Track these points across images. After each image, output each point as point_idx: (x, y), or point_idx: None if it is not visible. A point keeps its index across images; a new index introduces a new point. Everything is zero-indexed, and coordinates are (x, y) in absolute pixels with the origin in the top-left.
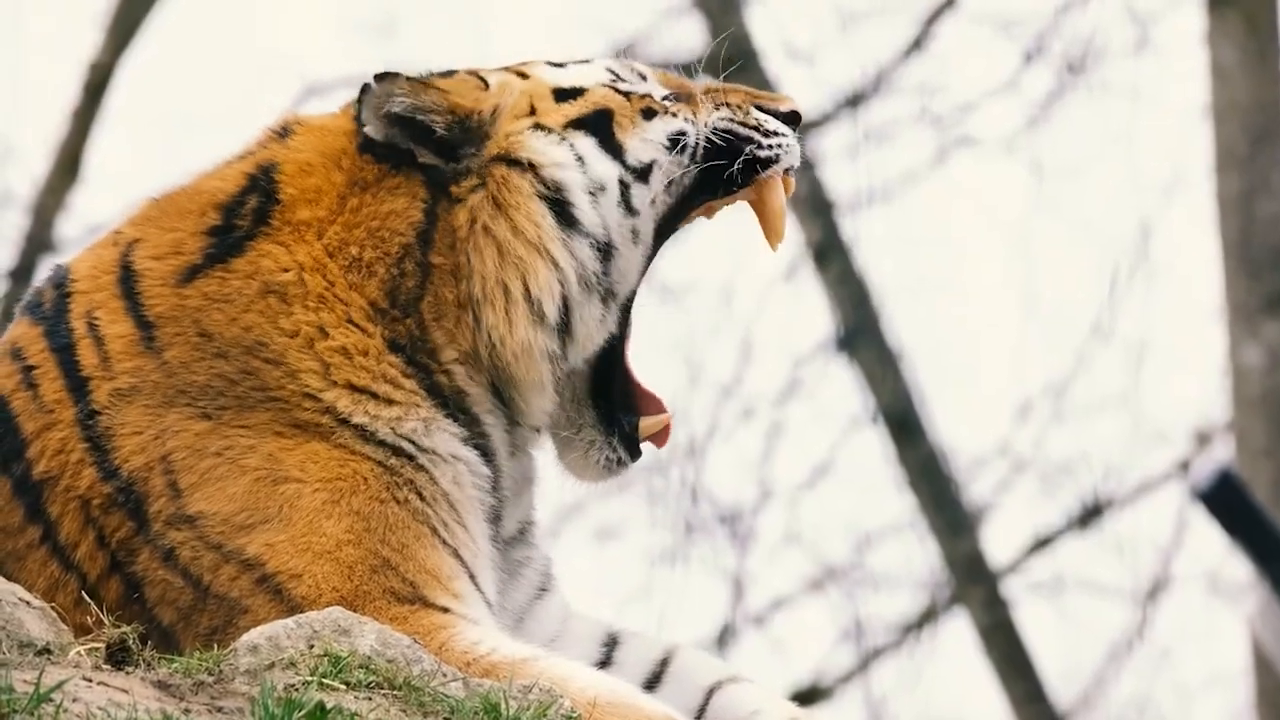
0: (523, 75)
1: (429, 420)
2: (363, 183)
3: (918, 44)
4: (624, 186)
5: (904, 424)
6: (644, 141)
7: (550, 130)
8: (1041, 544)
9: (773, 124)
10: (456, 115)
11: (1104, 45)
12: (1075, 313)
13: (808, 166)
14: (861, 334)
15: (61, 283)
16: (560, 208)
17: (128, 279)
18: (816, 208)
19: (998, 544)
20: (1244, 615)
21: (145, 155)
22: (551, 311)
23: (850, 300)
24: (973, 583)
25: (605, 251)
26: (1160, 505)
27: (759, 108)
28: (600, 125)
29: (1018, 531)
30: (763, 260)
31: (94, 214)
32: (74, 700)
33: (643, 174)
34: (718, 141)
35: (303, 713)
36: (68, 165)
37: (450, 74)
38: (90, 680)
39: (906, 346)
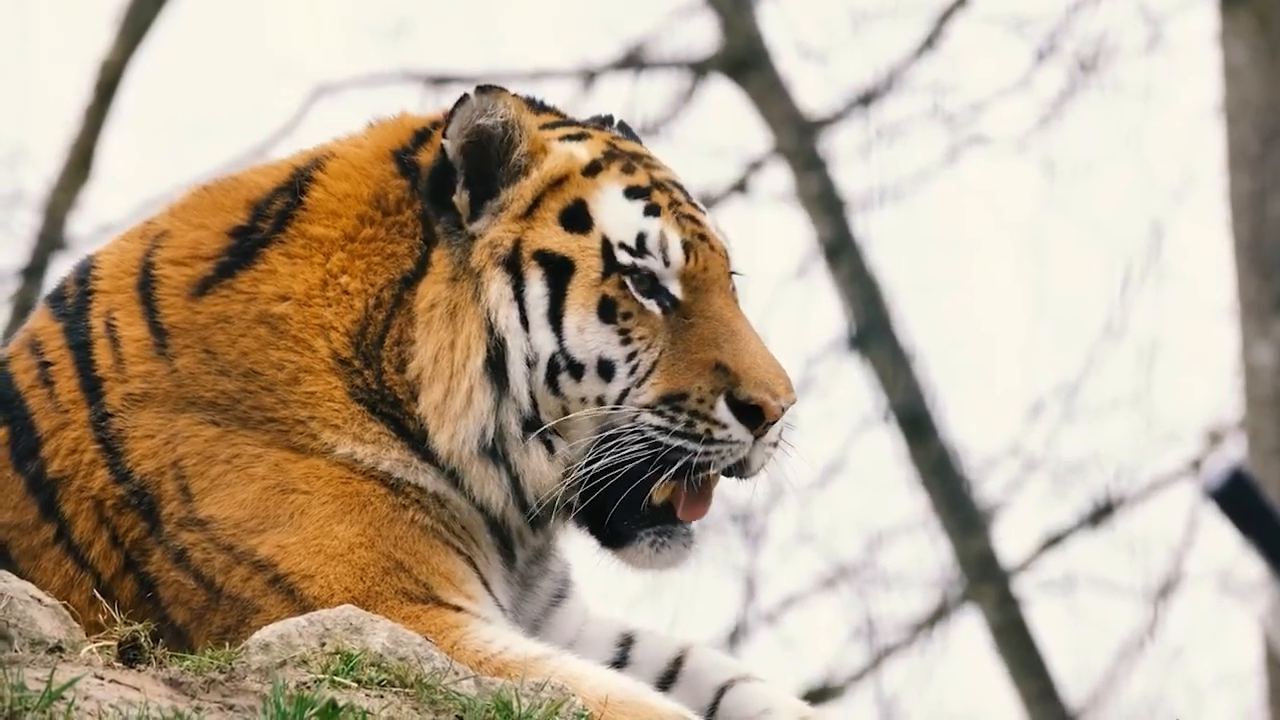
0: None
1: (405, 462)
2: (385, 204)
3: (929, 43)
4: (554, 368)
5: (915, 423)
6: (581, 334)
7: (516, 265)
8: (1053, 543)
9: (726, 422)
10: (530, 150)
11: (1116, 44)
12: (1087, 312)
13: (820, 165)
14: (873, 333)
15: (85, 278)
16: (498, 360)
17: (147, 283)
18: (828, 206)
19: (1009, 543)
20: (1256, 614)
21: (156, 154)
22: (472, 438)
23: (862, 299)
24: (984, 581)
25: (530, 406)
26: (1172, 504)
27: (731, 398)
28: (559, 278)
29: (1029, 530)
30: (774, 258)
31: (105, 212)
32: (85, 698)
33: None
34: (634, 445)
35: (314, 710)
36: (79, 164)
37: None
38: (102, 678)
39: (918, 345)
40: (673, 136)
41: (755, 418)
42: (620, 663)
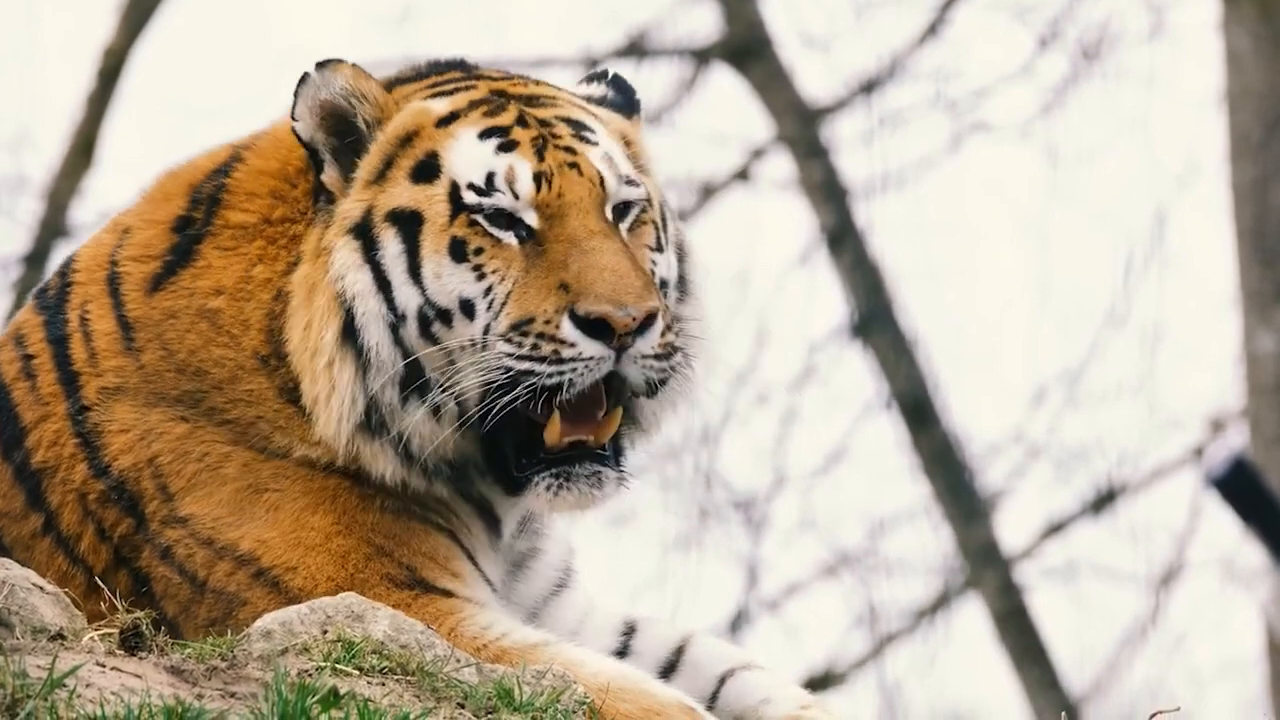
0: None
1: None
2: (288, 174)
3: (933, 30)
4: (424, 320)
5: (918, 410)
6: (439, 280)
7: (367, 230)
8: (1055, 530)
9: (573, 340)
10: (376, 115)
11: (1119, 32)
12: (1090, 299)
13: (822, 152)
14: (876, 320)
15: (66, 271)
16: (352, 327)
17: (114, 278)
18: (831, 194)
19: (1011, 530)
20: (1258, 601)
21: (158, 140)
22: (346, 418)
23: (864, 286)
24: (986, 568)
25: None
26: (1174, 491)
27: (574, 315)
28: (411, 232)
29: (1032, 517)
30: (776, 246)
31: (108, 199)
32: (87, 685)
33: (444, 316)
34: (488, 374)
35: (316, 698)
36: (82, 150)
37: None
38: (103, 665)
39: (921, 332)
40: (675, 124)
41: (605, 332)
42: (622, 651)
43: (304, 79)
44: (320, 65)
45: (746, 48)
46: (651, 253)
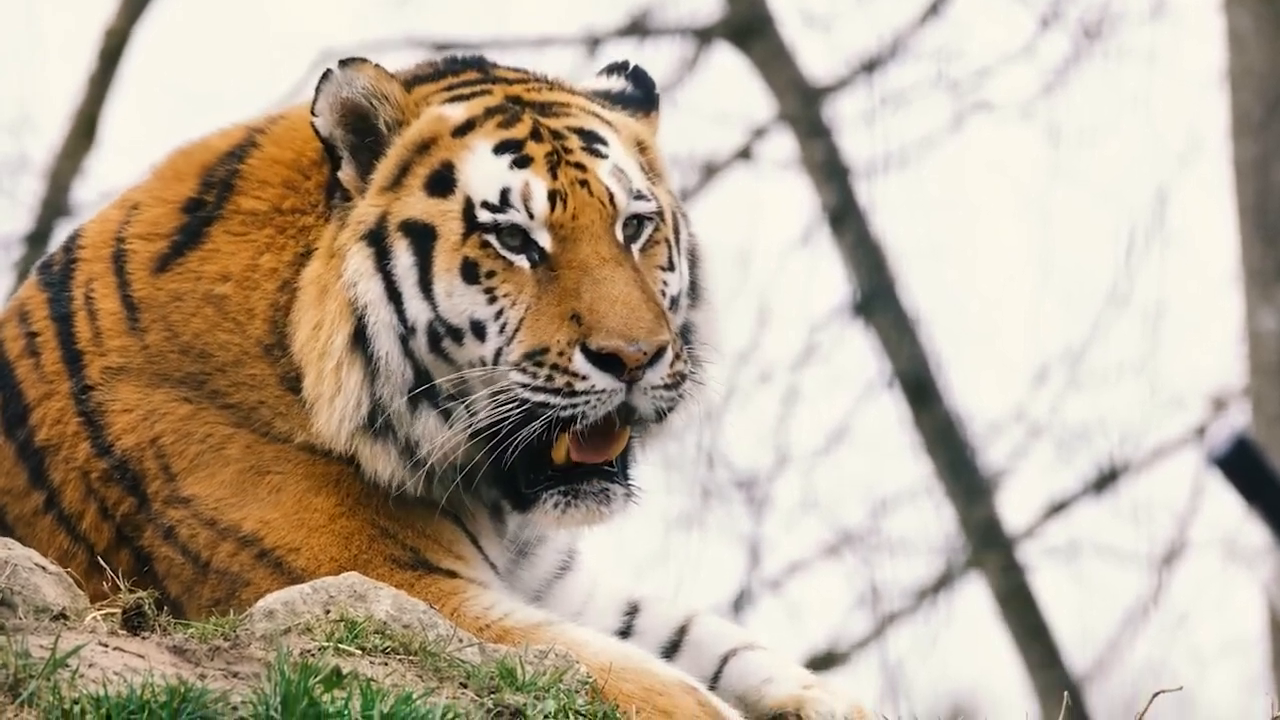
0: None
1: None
2: (302, 166)
3: (934, 9)
4: (434, 336)
5: (920, 389)
6: (450, 299)
7: (381, 237)
8: (1058, 509)
9: (585, 373)
10: (396, 118)
11: (1120, 10)
12: (1092, 278)
13: (824, 132)
14: (878, 299)
15: (71, 247)
16: (363, 334)
17: (120, 256)
18: (833, 173)
19: (1014, 509)
20: (1260, 580)
21: (160, 121)
22: (348, 419)
23: (867, 265)
24: (989, 548)
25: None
26: (1176, 470)
27: (585, 348)
28: (424, 246)
29: (1034, 497)
30: (778, 225)
31: (110, 179)
32: (90, 665)
33: (454, 334)
34: (504, 404)
35: (319, 678)
36: (84, 130)
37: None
38: (106, 645)
39: (923, 311)
40: (677, 104)
41: (615, 366)
42: (625, 631)
43: (326, 76)
44: (344, 63)
45: (748, 27)
46: (663, 273)
